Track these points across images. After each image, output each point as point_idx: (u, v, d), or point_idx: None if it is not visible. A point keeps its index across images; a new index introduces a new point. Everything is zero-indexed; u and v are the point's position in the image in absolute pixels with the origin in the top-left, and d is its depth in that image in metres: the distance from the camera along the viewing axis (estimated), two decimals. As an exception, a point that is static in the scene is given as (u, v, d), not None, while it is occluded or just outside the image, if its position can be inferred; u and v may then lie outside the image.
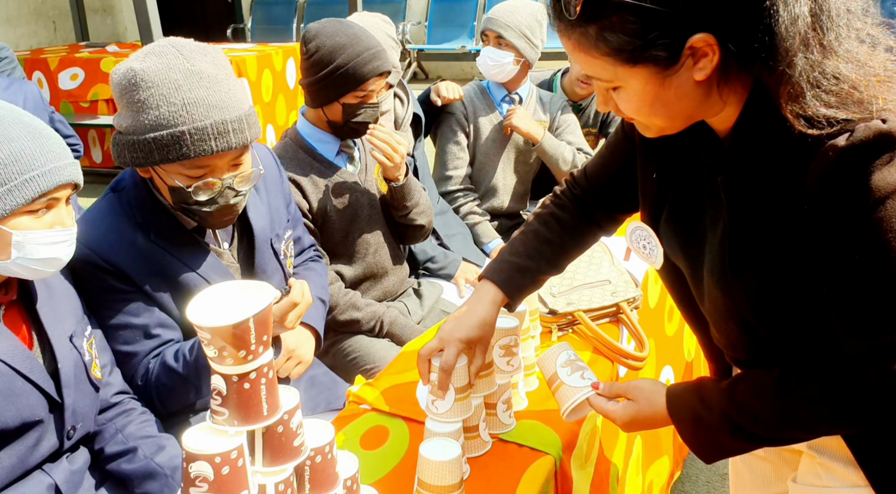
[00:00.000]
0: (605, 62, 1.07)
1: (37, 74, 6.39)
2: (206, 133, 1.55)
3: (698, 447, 1.25)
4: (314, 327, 1.99)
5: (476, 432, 1.47)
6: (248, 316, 1.00)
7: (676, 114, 1.12)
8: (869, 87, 1.02)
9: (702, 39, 1.01)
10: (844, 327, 1.08)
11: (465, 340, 1.40)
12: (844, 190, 1.02)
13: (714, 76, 1.05)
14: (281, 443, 1.10)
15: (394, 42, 2.71)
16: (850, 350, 1.09)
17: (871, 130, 1.00)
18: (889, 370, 1.05)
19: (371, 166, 2.45)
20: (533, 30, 3.00)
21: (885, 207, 1.00)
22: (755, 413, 1.16)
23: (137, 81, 1.55)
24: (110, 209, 1.70)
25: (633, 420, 1.33)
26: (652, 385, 1.34)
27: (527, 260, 1.50)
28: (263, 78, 6.25)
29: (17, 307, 1.47)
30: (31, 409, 1.42)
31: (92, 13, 9.82)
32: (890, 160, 1.00)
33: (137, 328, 1.69)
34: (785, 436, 1.19)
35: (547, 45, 3.11)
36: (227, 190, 1.65)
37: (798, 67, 1.01)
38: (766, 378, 1.17)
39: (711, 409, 1.20)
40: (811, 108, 1.02)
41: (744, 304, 1.17)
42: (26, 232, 1.35)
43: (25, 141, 1.33)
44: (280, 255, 1.92)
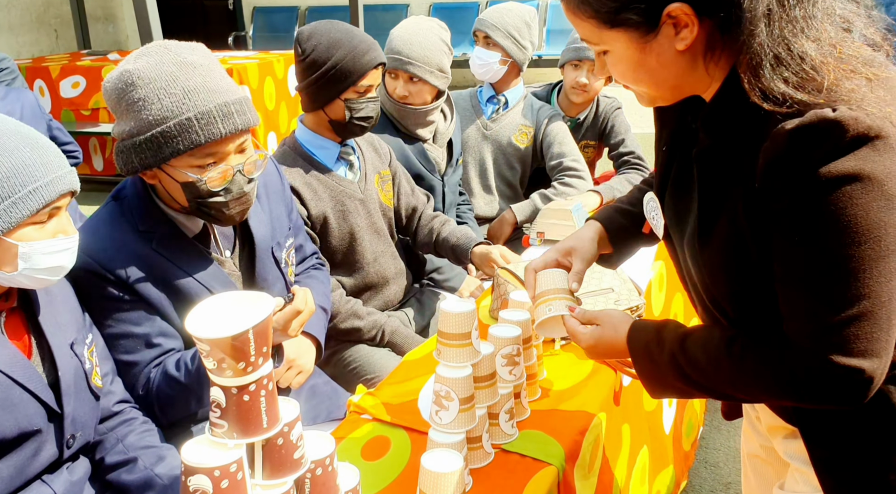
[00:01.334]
0: (591, 25, 1.15)
1: (38, 82, 6.40)
2: (212, 116, 1.57)
3: (645, 379, 1.30)
4: (315, 336, 1.97)
5: (479, 443, 1.46)
6: (247, 328, 0.99)
7: (661, 82, 1.17)
8: (833, 72, 1.03)
9: (679, 8, 1.07)
10: (784, 306, 1.11)
11: (561, 249, 1.53)
12: (786, 173, 1.04)
13: (699, 49, 1.11)
14: (281, 456, 1.09)
15: (447, 48, 2.71)
16: (789, 332, 1.11)
17: (817, 116, 1.01)
18: (819, 355, 1.07)
19: (371, 174, 2.44)
20: (521, 31, 3.02)
21: (823, 194, 1.02)
22: (697, 361, 1.20)
23: (134, 80, 1.56)
24: (111, 218, 1.70)
25: (597, 344, 1.37)
26: (621, 315, 1.38)
27: (627, 205, 1.59)
28: (266, 86, 6.26)
29: (17, 315, 1.47)
30: (30, 419, 1.41)
31: (94, 21, 9.84)
32: (832, 149, 1.01)
33: (139, 337, 1.68)
34: (719, 390, 1.21)
35: (546, 53, 3.13)
36: (238, 175, 1.65)
37: (758, 38, 1.04)
38: (717, 334, 1.21)
39: (663, 347, 1.25)
40: (768, 81, 1.04)
41: (709, 278, 1.22)
42: (32, 243, 1.36)
43: (25, 152, 1.34)
44: (281, 263, 1.92)
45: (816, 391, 1.09)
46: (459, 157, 3.01)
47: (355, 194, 2.36)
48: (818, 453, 1.23)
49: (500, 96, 3.15)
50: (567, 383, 1.74)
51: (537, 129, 3.14)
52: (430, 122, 2.77)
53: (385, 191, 2.49)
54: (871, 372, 1.05)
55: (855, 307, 1.04)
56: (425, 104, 2.70)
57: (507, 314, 1.63)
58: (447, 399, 1.38)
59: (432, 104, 2.72)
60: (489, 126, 3.14)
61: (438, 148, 2.85)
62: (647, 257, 2.35)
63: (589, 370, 1.78)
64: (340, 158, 2.38)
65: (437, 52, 2.64)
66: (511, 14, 3.03)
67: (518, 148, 3.13)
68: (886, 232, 1.02)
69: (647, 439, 2.10)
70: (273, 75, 6.35)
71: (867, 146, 1.00)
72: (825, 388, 1.08)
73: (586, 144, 3.37)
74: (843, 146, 1.00)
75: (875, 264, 1.03)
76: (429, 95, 2.70)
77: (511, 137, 3.13)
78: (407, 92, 2.65)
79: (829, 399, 1.10)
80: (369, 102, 2.27)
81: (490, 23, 3.01)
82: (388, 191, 2.51)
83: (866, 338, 1.05)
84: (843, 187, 1.01)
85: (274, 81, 6.36)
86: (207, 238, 1.79)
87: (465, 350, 1.38)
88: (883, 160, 1.01)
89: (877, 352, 1.05)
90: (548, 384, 1.73)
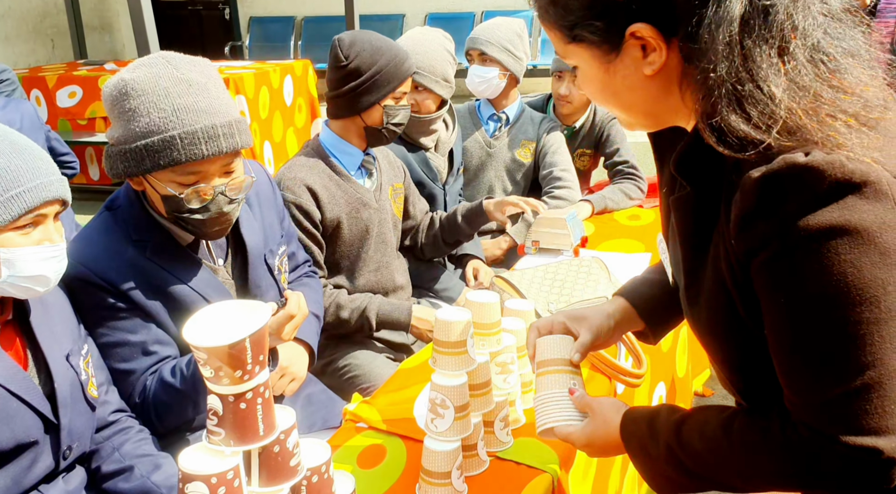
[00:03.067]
0: (555, 37, 1.07)
1: (35, 91, 6.41)
2: (197, 137, 1.57)
3: (645, 475, 1.17)
4: (308, 342, 1.98)
5: (474, 450, 1.47)
6: (244, 336, 1.00)
7: (630, 106, 1.08)
8: (803, 115, 0.91)
9: (642, 29, 0.97)
10: (781, 377, 0.99)
11: (572, 316, 1.38)
12: (760, 228, 0.92)
13: (673, 76, 1.00)
14: (277, 463, 1.09)
15: (451, 58, 2.74)
16: (791, 407, 0.99)
17: (786, 161, 0.90)
18: (824, 434, 0.94)
19: (385, 185, 2.47)
20: (514, 43, 3.04)
21: (805, 251, 0.90)
22: (696, 451, 1.08)
23: (128, 91, 1.57)
24: (105, 227, 1.71)
25: (590, 442, 1.24)
26: (612, 405, 1.25)
27: (653, 273, 1.44)
28: (261, 95, 6.27)
29: (12, 327, 1.47)
30: (27, 430, 1.41)
31: (90, 31, 9.85)
32: (809, 199, 0.89)
33: (135, 345, 1.69)
34: (723, 480, 1.08)
35: (541, 63, 3.15)
36: (219, 196, 1.65)
37: (718, 71, 0.92)
38: (713, 417, 1.08)
39: (658, 440, 1.13)
40: (725, 119, 0.92)
41: (703, 341, 1.12)
42: (14, 249, 1.35)
43: (11, 158, 1.34)
44: (274, 270, 1.93)
45: (828, 476, 0.96)
46: (460, 166, 3.03)
47: (371, 202, 2.38)
48: None
49: (501, 114, 3.17)
50: (561, 391, 1.74)
51: (538, 141, 3.16)
52: (433, 130, 2.80)
53: (398, 203, 2.52)
54: (890, 452, 0.91)
55: (859, 378, 0.90)
56: (430, 113, 2.73)
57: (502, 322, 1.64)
58: (442, 407, 1.39)
59: (436, 113, 2.74)
60: (493, 144, 3.16)
61: (440, 157, 2.87)
62: (641, 266, 2.37)
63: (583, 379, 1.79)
64: (362, 166, 2.41)
65: (442, 62, 2.68)
66: (502, 28, 3.06)
67: (522, 164, 3.15)
68: (885, 291, 0.89)
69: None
70: (269, 85, 6.37)
71: (853, 195, 0.88)
72: (838, 473, 0.95)
73: (582, 153, 3.39)
74: (822, 195, 0.88)
75: (876, 327, 0.90)
76: (433, 104, 2.73)
77: (515, 154, 3.16)
78: (412, 100, 2.68)
79: (846, 486, 0.96)
80: (402, 109, 2.34)
81: (483, 39, 3.04)
82: (401, 204, 2.55)
83: (878, 413, 0.91)
84: (828, 242, 0.88)
85: (269, 90, 6.37)
86: (200, 247, 1.81)
87: (460, 358, 1.39)
88: (873, 209, 0.88)
89: (892, 428, 0.91)
90: (542, 392, 1.74)
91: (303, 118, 7.01)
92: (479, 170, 3.19)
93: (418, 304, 2.61)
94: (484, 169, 3.18)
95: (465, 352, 1.40)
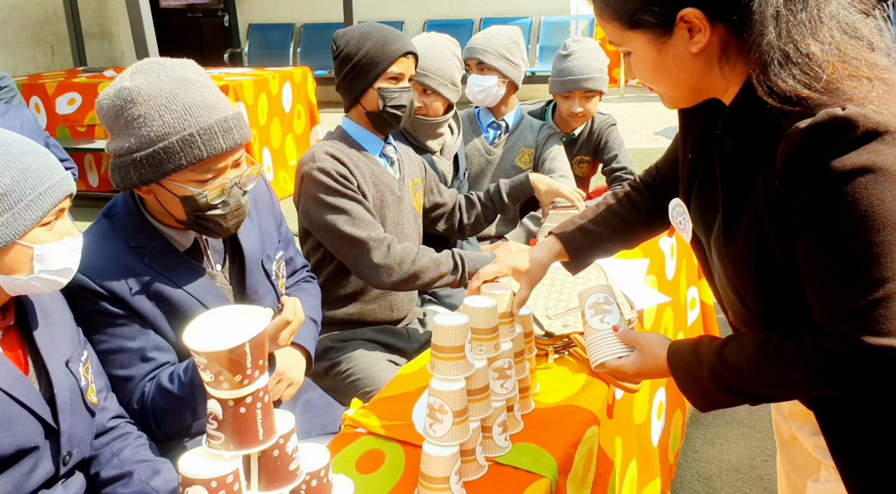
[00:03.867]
0: (614, 27, 1.25)
1: (34, 99, 6.43)
2: (214, 132, 1.61)
3: (691, 396, 1.36)
4: (305, 347, 1.99)
5: (472, 455, 1.47)
6: (244, 341, 1.01)
7: (678, 82, 1.26)
8: (836, 71, 1.11)
9: (691, 13, 1.15)
10: (812, 296, 1.17)
11: (511, 267, 1.65)
12: (803, 170, 1.10)
13: (714, 53, 1.19)
14: (276, 467, 1.10)
15: (459, 62, 2.76)
16: (819, 319, 1.17)
17: (829, 114, 1.07)
18: (851, 337, 1.12)
19: (408, 179, 2.48)
20: (511, 51, 3.06)
21: (841, 187, 1.08)
22: (738, 369, 1.26)
23: (133, 97, 1.58)
24: (103, 234, 1.72)
25: (640, 372, 1.47)
26: (658, 339, 1.46)
27: (591, 224, 1.70)
28: (259, 102, 6.29)
29: (13, 332, 1.48)
30: (27, 435, 1.41)
31: (90, 38, 9.89)
32: (844, 144, 1.07)
33: (133, 351, 1.69)
34: (763, 393, 1.28)
35: (540, 69, 3.17)
36: (234, 188, 1.69)
37: (767, 38, 1.11)
38: (750, 339, 1.27)
39: (702, 363, 1.31)
40: (777, 78, 1.12)
41: (734, 274, 1.28)
42: (45, 245, 1.39)
43: (30, 158, 1.37)
44: (272, 276, 1.94)
45: (851, 373, 1.14)
46: (465, 171, 3.05)
47: (394, 189, 2.40)
48: (832, 434, 1.28)
49: (501, 121, 3.19)
50: (560, 396, 1.75)
51: (537, 148, 3.18)
52: (440, 134, 2.82)
53: (417, 197, 2.54)
54: None
55: (881, 290, 1.09)
56: (438, 116, 2.75)
57: None
58: (441, 412, 1.39)
59: (444, 116, 2.76)
60: (492, 151, 3.18)
61: (446, 161, 2.89)
62: (639, 270, 2.37)
63: (582, 384, 1.80)
64: (384, 154, 2.42)
65: (450, 65, 2.70)
66: (498, 36, 3.08)
67: (521, 170, 3.16)
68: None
69: (636, 451, 2.11)
70: (267, 92, 6.39)
71: (877, 140, 1.06)
72: (859, 369, 1.13)
73: (581, 160, 3.41)
74: (853, 141, 1.06)
75: (894, 249, 1.08)
76: (441, 108, 2.75)
77: (514, 161, 3.18)
78: (421, 103, 2.70)
79: (865, 380, 1.15)
80: (402, 92, 2.32)
81: (480, 48, 3.06)
82: (420, 198, 2.57)
83: (893, 318, 1.09)
84: (858, 178, 1.07)
85: (268, 97, 6.40)
86: (198, 253, 1.81)
87: (458, 363, 1.40)
88: (893, 153, 1.07)
89: None
90: (541, 398, 1.74)
91: (301, 125, 7.02)
92: (478, 176, 3.20)
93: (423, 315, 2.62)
94: (483, 176, 3.20)
95: (463, 357, 1.40)
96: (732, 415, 3.16)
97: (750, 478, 2.79)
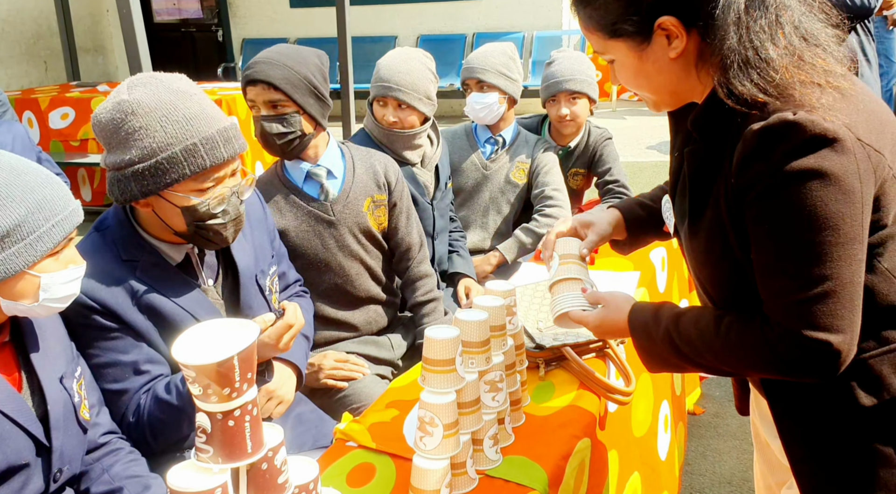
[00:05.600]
0: (597, 37, 1.32)
1: (27, 113, 6.43)
2: (215, 141, 1.63)
3: (642, 353, 1.44)
4: (296, 364, 1.99)
5: (463, 468, 1.47)
6: (232, 354, 1.01)
7: (659, 87, 1.34)
8: (790, 76, 1.17)
9: (668, 21, 1.23)
10: (762, 288, 1.24)
11: (580, 221, 1.71)
12: (755, 169, 1.18)
13: (691, 58, 1.27)
14: (265, 480, 1.10)
15: (433, 76, 2.78)
16: (767, 310, 1.24)
17: (779, 119, 1.15)
18: (792, 330, 1.19)
19: (359, 197, 2.42)
20: (508, 67, 3.09)
21: (788, 187, 1.15)
22: (689, 337, 1.33)
23: (134, 109, 1.59)
24: (94, 248, 1.72)
25: (601, 324, 1.51)
26: (624, 297, 1.51)
27: (649, 200, 1.76)
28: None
29: (8, 349, 1.48)
30: (18, 452, 1.41)
31: (83, 53, 9.89)
32: (792, 147, 1.14)
33: (127, 365, 1.69)
34: (708, 364, 1.34)
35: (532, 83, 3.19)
36: (234, 197, 1.71)
37: (728, 42, 1.18)
38: (708, 313, 1.34)
39: (659, 325, 1.38)
40: (736, 80, 1.19)
41: (697, 265, 1.37)
42: (52, 274, 1.40)
43: (45, 189, 1.39)
44: (265, 290, 1.94)
45: (791, 362, 1.21)
46: (448, 181, 3.04)
47: (323, 215, 2.36)
48: (783, 423, 1.36)
49: (498, 137, 3.20)
50: (551, 409, 1.75)
51: (532, 161, 3.19)
52: (417, 145, 2.81)
53: (376, 216, 2.47)
54: (838, 346, 1.17)
55: (820, 287, 1.16)
56: (413, 128, 2.74)
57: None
58: (431, 425, 1.39)
59: (419, 128, 2.76)
60: (489, 166, 3.19)
61: (427, 172, 2.89)
62: (630, 283, 2.38)
63: (573, 397, 1.80)
64: (310, 178, 2.39)
65: (423, 80, 2.71)
66: (495, 53, 3.10)
67: (516, 185, 3.19)
68: (844, 222, 1.15)
69: (637, 465, 2.11)
70: (261, 106, 6.40)
71: (827, 147, 1.13)
72: (798, 360, 1.20)
73: (576, 172, 3.42)
74: (801, 145, 1.13)
75: (835, 249, 1.15)
76: (417, 121, 2.75)
77: (509, 175, 3.19)
78: (396, 118, 2.70)
79: (804, 371, 1.21)
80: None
81: (479, 67, 3.07)
82: (381, 216, 2.49)
83: (832, 314, 1.17)
84: (805, 181, 1.14)
85: (262, 111, 6.40)
86: (191, 267, 1.82)
87: (448, 377, 1.40)
88: (840, 160, 1.13)
89: (841, 328, 1.17)
90: (532, 410, 1.74)
91: (295, 139, 7.01)
92: (474, 191, 3.21)
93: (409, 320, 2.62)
94: (480, 190, 3.21)
95: (454, 370, 1.41)
96: (725, 428, 3.16)
97: (742, 491, 2.79)
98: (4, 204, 1.32)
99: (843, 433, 1.30)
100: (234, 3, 10.93)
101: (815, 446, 1.33)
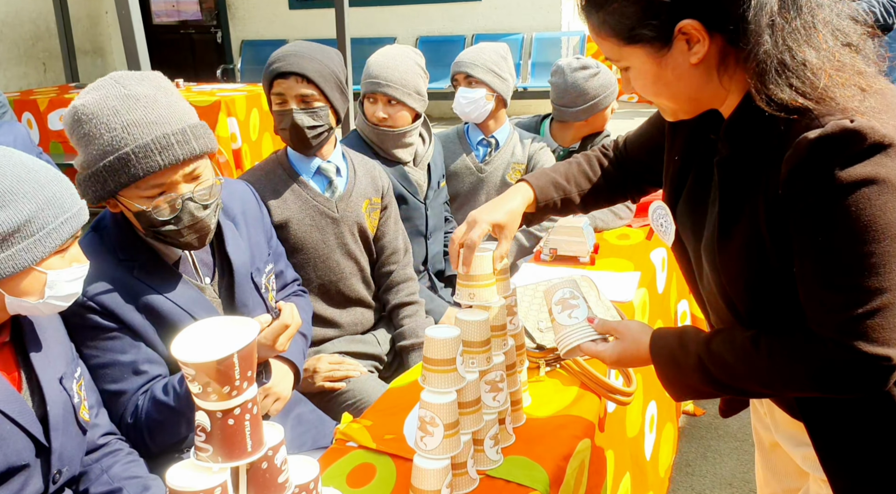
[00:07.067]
0: (611, 43, 1.24)
1: (26, 114, 6.44)
2: (150, 149, 1.58)
3: (669, 384, 1.38)
4: (293, 361, 1.98)
5: (464, 469, 1.46)
6: (232, 352, 1.01)
7: (678, 94, 1.26)
8: (830, 79, 1.12)
9: (689, 25, 1.15)
10: (808, 303, 1.18)
11: (491, 222, 1.58)
12: (811, 179, 1.11)
13: (712, 63, 1.20)
14: (265, 480, 1.09)
15: (422, 72, 2.76)
16: (815, 326, 1.18)
17: (839, 126, 1.09)
18: (847, 345, 1.13)
19: (359, 198, 2.43)
20: (499, 65, 3.07)
21: (846, 197, 1.09)
22: (725, 362, 1.27)
23: (80, 116, 1.60)
24: (92, 248, 1.70)
25: (620, 358, 1.45)
26: (640, 326, 1.46)
27: (563, 180, 1.70)
28: (252, 117, 6.31)
29: (8, 349, 1.47)
30: (18, 453, 1.40)
31: (82, 55, 9.90)
32: (851, 155, 1.09)
33: (125, 365, 1.68)
34: (746, 387, 1.29)
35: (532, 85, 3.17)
36: (188, 203, 1.65)
37: (764, 47, 1.12)
38: (739, 334, 1.28)
39: (688, 352, 1.32)
40: (774, 86, 1.13)
41: (726, 280, 1.29)
42: (58, 271, 1.40)
43: (55, 186, 1.39)
44: (261, 289, 1.93)
45: (844, 379, 1.16)
46: (441, 179, 3.03)
47: (328, 211, 2.37)
48: (822, 444, 1.31)
49: (490, 138, 3.18)
50: (552, 409, 1.75)
51: (528, 161, 3.18)
52: (408, 144, 2.79)
53: (372, 218, 2.50)
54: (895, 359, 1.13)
55: (878, 300, 1.11)
56: (404, 126, 2.73)
57: None
58: (432, 425, 1.39)
59: (411, 126, 2.75)
60: (483, 169, 3.16)
61: (420, 171, 2.87)
62: (630, 284, 2.38)
63: (573, 397, 1.79)
64: (320, 173, 2.39)
65: (413, 75, 2.69)
66: (486, 51, 3.09)
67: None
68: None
69: (629, 465, 2.11)
70: (259, 107, 6.40)
71: (882, 153, 1.08)
72: (852, 376, 1.15)
73: None
74: (861, 153, 1.08)
75: (893, 259, 1.10)
76: (408, 118, 2.73)
77: (505, 177, 3.16)
78: (386, 114, 2.68)
79: (857, 386, 1.17)
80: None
81: (468, 62, 3.06)
82: (375, 219, 2.52)
83: (890, 328, 1.11)
84: (862, 189, 1.08)
85: (260, 112, 6.41)
86: (187, 265, 1.81)
87: (449, 376, 1.40)
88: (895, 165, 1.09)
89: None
90: (532, 410, 1.74)
91: (294, 140, 7.02)
92: (469, 194, 3.18)
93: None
94: (475, 193, 3.18)
95: (455, 370, 1.40)
96: (725, 429, 3.16)
97: (743, 493, 2.78)
98: (16, 200, 1.33)
99: (885, 442, 1.26)
100: (232, 5, 10.93)
101: (856, 458, 1.28)
